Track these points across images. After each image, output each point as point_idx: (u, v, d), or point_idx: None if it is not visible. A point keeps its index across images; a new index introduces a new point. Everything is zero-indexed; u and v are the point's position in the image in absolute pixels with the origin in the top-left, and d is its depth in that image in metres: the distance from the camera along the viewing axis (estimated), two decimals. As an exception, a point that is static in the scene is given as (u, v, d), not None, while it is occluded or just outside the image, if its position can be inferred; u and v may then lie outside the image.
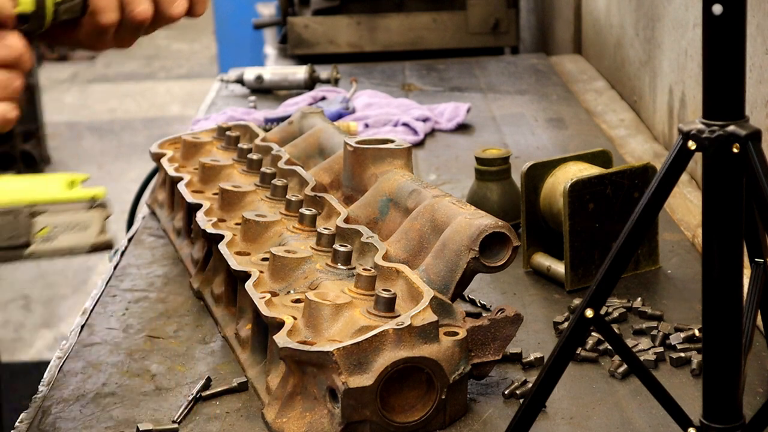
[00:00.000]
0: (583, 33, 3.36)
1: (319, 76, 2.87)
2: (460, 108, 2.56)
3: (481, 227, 1.36)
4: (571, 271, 1.64)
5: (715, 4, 1.04)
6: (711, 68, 1.06)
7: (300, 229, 1.56)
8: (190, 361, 1.48)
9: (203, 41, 9.70)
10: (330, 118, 2.40)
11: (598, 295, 1.13)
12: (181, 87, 8.52)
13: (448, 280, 1.37)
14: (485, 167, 1.84)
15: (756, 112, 1.75)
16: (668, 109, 2.35)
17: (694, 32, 2.14)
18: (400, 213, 1.53)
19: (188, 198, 1.74)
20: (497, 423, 1.31)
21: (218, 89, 2.97)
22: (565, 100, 2.76)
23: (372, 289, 1.34)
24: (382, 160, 1.62)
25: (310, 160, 1.84)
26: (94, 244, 1.34)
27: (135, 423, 1.33)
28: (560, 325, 1.53)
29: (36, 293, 5.02)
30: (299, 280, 1.43)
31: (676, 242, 1.82)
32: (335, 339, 1.28)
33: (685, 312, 1.57)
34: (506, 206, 1.83)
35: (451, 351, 1.28)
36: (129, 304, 1.67)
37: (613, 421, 1.31)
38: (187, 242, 1.81)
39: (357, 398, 1.23)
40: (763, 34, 1.72)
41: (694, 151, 1.08)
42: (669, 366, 1.43)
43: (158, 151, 2.00)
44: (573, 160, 1.74)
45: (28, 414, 1.38)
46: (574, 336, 1.15)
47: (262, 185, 1.73)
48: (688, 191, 2.03)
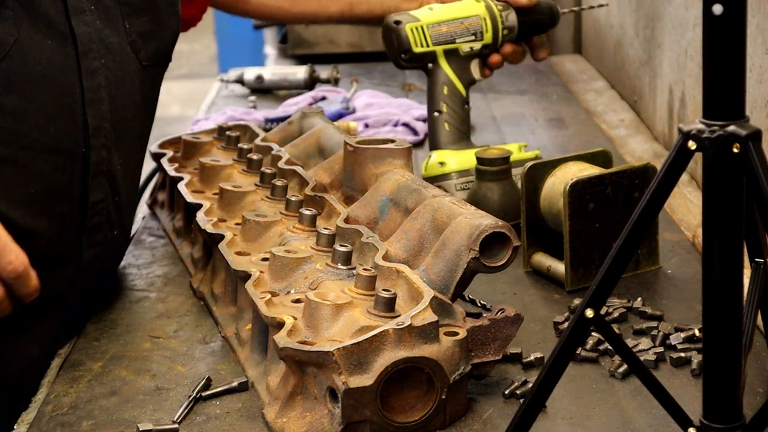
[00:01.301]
0: (583, 33, 3.36)
1: (319, 76, 2.87)
2: (460, 108, 2.56)
3: (481, 227, 1.36)
4: (571, 271, 1.64)
5: (715, 4, 1.04)
6: (711, 68, 1.06)
7: (300, 229, 1.56)
8: (190, 361, 1.48)
9: (203, 41, 9.70)
10: (330, 118, 2.40)
11: (598, 295, 1.13)
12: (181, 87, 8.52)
13: (448, 280, 1.37)
14: (485, 167, 1.84)
15: (756, 112, 1.75)
16: (668, 109, 2.35)
17: (694, 32, 2.14)
18: (400, 213, 1.53)
19: (188, 198, 1.74)
20: (497, 423, 1.31)
21: (218, 89, 2.97)
22: (565, 100, 2.76)
23: (372, 289, 1.34)
24: (382, 160, 1.62)
25: (310, 160, 1.84)
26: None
27: (135, 423, 1.33)
28: (560, 325, 1.53)
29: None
30: (299, 280, 1.43)
31: (676, 242, 1.82)
32: (335, 339, 1.28)
33: (685, 312, 1.57)
34: (506, 206, 1.83)
35: (451, 351, 1.28)
36: (129, 304, 1.67)
37: (613, 421, 1.31)
38: (187, 242, 1.81)
39: (357, 398, 1.23)
40: (763, 34, 1.72)
41: (694, 151, 1.08)
42: (669, 366, 1.43)
43: (158, 151, 2.00)
44: (573, 160, 1.74)
45: (27, 414, 1.38)
46: (574, 336, 1.15)
47: (262, 185, 1.73)
48: (688, 191, 2.03)
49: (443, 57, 1.97)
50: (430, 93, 2.00)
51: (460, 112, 1.99)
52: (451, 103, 1.98)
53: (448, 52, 1.98)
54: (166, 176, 1.94)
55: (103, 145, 1.62)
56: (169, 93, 8.38)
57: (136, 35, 1.69)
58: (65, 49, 1.57)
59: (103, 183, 1.63)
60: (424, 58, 1.97)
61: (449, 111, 1.98)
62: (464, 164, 1.95)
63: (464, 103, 1.99)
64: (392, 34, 1.96)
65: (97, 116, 1.61)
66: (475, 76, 2.00)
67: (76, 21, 1.59)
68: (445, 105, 1.98)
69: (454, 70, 1.98)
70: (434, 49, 1.97)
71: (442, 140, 1.99)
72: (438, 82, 1.98)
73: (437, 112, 1.99)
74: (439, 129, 1.99)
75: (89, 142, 1.60)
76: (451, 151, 1.97)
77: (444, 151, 1.97)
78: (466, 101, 2.00)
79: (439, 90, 1.99)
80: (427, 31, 1.96)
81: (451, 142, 1.98)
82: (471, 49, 1.98)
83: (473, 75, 2.00)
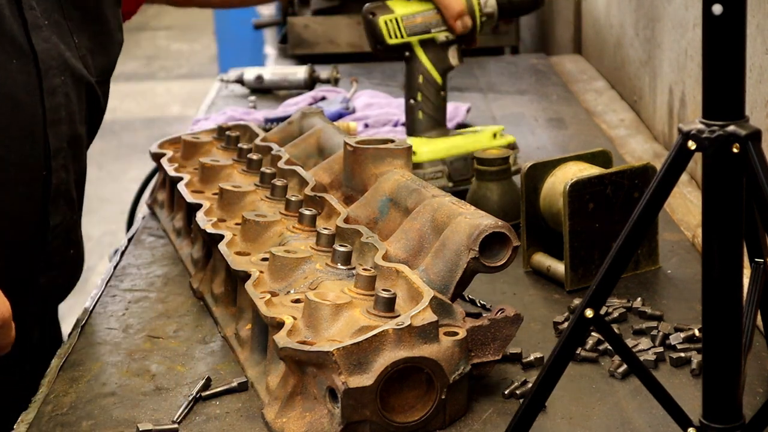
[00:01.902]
0: (583, 33, 3.36)
1: (319, 76, 2.87)
2: (460, 108, 2.56)
3: (481, 227, 1.36)
4: (571, 271, 1.64)
5: (715, 4, 1.04)
6: (711, 68, 1.06)
7: (300, 229, 1.56)
8: (190, 361, 1.48)
9: (203, 41, 9.70)
10: (330, 118, 2.40)
11: (598, 295, 1.13)
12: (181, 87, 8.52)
13: (448, 280, 1.37)
14: (485, 167, 1.84)
15: (756, 112, 1.75)
16: (668, 109, 2.35)
17: (694, 32, 2.14)
18: (400, 213, 1.53)
19: (188, 198, 1.74)
20: (497, 423, 1.31)
21: (218, 89, 2.97)
22: (565, 100, 2.76)
23: (372, 289, 1.34)
24: (382, 160, 1.62)
25: (310, 160, 1.84)
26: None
27: (135, 423, 1.33)
28: (560, 325, 1.53)
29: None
30: (299, 280, 1.43)
31: (676, 242, 1.82)
32: (335, 339, 1.28)
33: (685, 312, 1.57)
34: (506, 206, 1.83)
35: (451, 351, 1.28)
36: (129, 304, 1.67)
37: (613, 421, 1.31)
38: (187, 242, 1.81)
39: (357, 398, 1.23)
40: (763, 34, 1.72)
41: (694, 151, 1.08)
42: (669, 366, 1.43)
43: (158, 151, 2.00)
44: (573, 160, 1.74)
45: (27, 414, 1.38)
46: (574, 336, 1.15)
47: (262, 185, 1.73)
48: (688, 191, 2.03)
49: (419, 47, 1.98)
50: (406, 81, 2.02)
51: (434, 100, 2.01)
52: (425, 92, 2.00)
53: (424, 42, 1.98)
54: (166, 176, 1.94)
55: (63, 166, 1.59)
56: (169, 93, 8.40)
57: (85, 50, 1.65)
58: (27, 67, 1.53)
59: (62, 205, 1.61)
60: (399, 48, 1.98)
61: (423, 99, 2.00)
62: (436, 154, 1.98)
63: (439, 91, 2.01)
64: (367, 26, 1.98)
65: (57, 137, 1.58)
66: (453, 62, 2.01)
67: (36, 37, 1.54)
68: (420, 93, 2.00)
69: (430, 59, 1.99)
70: (409, 40, 1.98)
71: (417, 128, 2.01)
72: (414, 71, 2.00)
73: (412, 99, 2.01)
74: (414, 117, 2.02)
75: (50, 164, 1.57)
76: (425, 139, 2.00)
77: (418, 139, 2.00)
78: (441, 88, 2.01)
79: (415, 78, 2.00)
80: (401, 22, 1.96)
81: (425, 129, 2.01)
82: (447, 38, 1.99)
83: (450, 62, 2.01)
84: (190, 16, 9.48)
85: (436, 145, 1.99)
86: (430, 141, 1.99)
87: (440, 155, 1.97)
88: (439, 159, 1.97)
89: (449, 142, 2.00)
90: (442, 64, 2.01)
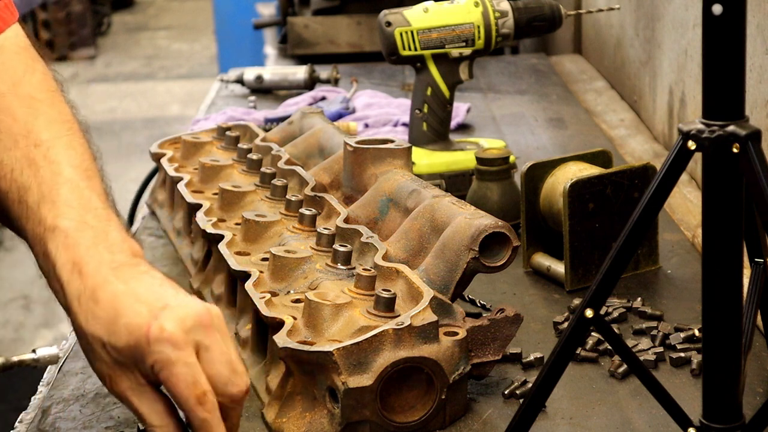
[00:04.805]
0: (583, 33, 3.36)
1: (319, 76, 2.86)
2: (460, 108, 2.56)
3: (481, 227, 1.36)
4: (571, 271, 1.64)
5: (715, 4, 1.04)
6: (711, 68, 1.06)
7: (300, 229, 1.56)
8: (190, 361, 1.48)
9: (203, 41, 9.70)
10: (330, 118, 2.40)
11: (598, 295, 1.13)
12: (181, 87, 8.51)
13: (448, 280, 1.37)
14: (485, 167, 1.84)
15: (756, 112, 1.75)
16: (668, 109, 2.35)
17: (694, 32, 2.14)
18: (400, 213, 1.53)
19: (188, 198, 1.74)
20: (497, 423, 1.31)
21: (218, 89, 2.97)
22: (565, 100, 2.76)
23: (372, 289, 1.34)
24: (382, 160, 1.62)
25: (310, 160, 1.84)
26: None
27: (135, 423, 1.33)
28: (560, 325, 1.53)
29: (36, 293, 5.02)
30: (299, 280, 1.43)
31: (676, 242, 1.82)
32: (335, 339, 1.28)
33: (685, 312, 1.57)
34: (506, 206, 1.82)
35: (451, 351, 1.28)
36: (129, 304, 1.67)
37: (613, 421, 1.31)
38: (187, 242, 1.81)
39: (357, 398, 1.23)
40: (763, 34, 1.72)
41: (694, 151, 1.08)
42: (669, 366, 1.43)
43: (158, 151, 2.00)
44: (573, 160, 1.74)
45: (27, 414, 1.38)
46: (574, 336, 1.15)
47: (262, 185, 1.73)
48: (688, 191, 2.03)
49: (431, 60, 1.99)
50: (414, 91, 2.03)
51: (440, 113, 2.02)
52: (432, 104, 2.01)
53: (437, 56, 1.99)
54: (166, 176, 1.94)
55: None
56: (169, 93, 8.40)
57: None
58: None
59: None
60: (412, 59, 1.99)
61: (429, 111, 2.02)
62: (435, 167, 1.98)
63: (446, 104, 2.02)
64: (382, 34, 1.99)
65: None
66: (463, 77, 2.02)
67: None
68: (426, 105, 2.01)
69: (440, 73, 2.00)
70: (422, 53, 1.98)
71: (419, 139, 2.02)
72: (423, 82, 2.01)
73: (418, 110, 2.02)
74: (417, 128, 2.03)
75: None
76: (427, 151, 2.01)
77: (420, 151, 2.00)
78: (448, 102, 2.02)
79: (423, 90, 2.01)
80: (416, 36, 1.97)
81: (428, 141, 2.02)
82: (461, 54, 1.99)
83: (460, 77, 2.01)
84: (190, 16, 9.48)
85: (436, 159, 1.99)
86: (431, 154, 2.00)
87: (439, 169, 1.98)
88: (438, 173, 1.97)
89: (450, 157, 2.00)
90: (451, 78, 2.01)
